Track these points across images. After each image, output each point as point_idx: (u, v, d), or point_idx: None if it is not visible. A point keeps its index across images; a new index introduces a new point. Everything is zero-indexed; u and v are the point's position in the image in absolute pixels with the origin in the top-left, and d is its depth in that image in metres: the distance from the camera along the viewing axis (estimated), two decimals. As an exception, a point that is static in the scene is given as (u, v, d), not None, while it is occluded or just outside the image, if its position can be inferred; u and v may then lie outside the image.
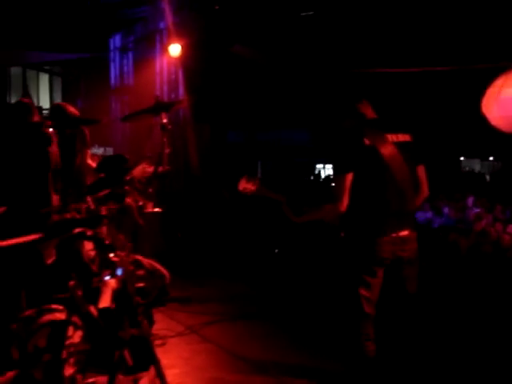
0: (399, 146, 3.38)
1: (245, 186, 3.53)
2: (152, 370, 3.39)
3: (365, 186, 3.32)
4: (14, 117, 4.69)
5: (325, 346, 4.86)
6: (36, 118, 4.75)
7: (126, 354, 3.34)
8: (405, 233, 3.36)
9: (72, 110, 4.89)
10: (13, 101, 14.35)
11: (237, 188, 3.53)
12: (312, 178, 14.88)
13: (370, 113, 3.51)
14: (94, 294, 3.32)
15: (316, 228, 6.96)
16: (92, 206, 3.78)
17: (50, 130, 4.21)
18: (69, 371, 3.83)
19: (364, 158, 3.31)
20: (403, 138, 3.44)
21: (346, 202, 3.28)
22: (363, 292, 3.33)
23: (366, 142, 3.31)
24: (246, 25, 8.88)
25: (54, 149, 4.20)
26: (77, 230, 3.45)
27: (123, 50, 10.77)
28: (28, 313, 3.90)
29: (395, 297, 3.48)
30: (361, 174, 3.31)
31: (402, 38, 8.39)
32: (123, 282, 3.16)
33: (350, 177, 3.28)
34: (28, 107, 4.74)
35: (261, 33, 9.09)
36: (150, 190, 3.40)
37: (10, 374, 3.77)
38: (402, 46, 8.45)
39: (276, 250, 8.52)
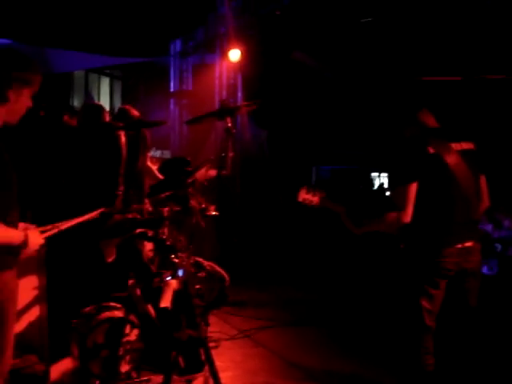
0: (463, 154, 3.31)
1: (305, 196, 3.48)
2: (206, 372, 3.40)
3: (429, 196, 3.25)
4: (87, 118, 4.84)
5: (379, 357, 4.78)
6: (107, 120, 4.90)
7: (182, 355, 3.37)
8: (469, 243, 3.27)
9: (135, 113, 5.00)
10: (75, 104, 14.75)
11: (296, 199, 3.47)
12: (363, 186, 14.70)
13: (431, 121, 3.44)
14: (155, 294, 3.38)
15: (373, 237, 6.86)
16: (150, 208, 3.85)
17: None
18: (125, 368, 3.92)
19: (428, 166, 3.24)
20: (467, 146, 3.37)
21: (410, 212, 3.21)
22: (425, 304, 3.25)
23: (431, 150, 3.25)
24: (305, 31, 8.86)
25: (124, 150, 4.28)
26: (138, 231, 3.52)
27: (183, 55, 10.92)
28: (88, 309, 4.00)
29: (456, 310, 3.39)
30: (425, 184, 3.24)
31: (464, 45, 8.19)
32: (184, 284, 3.19)
33: (414, 186, 3.22)
34: (99, 109, 4.90)
35: (320, 40, 9.05)
36: (212, 193, 3.43)
37: (70, 367, 3.87)
38: (463, 53, 8.26)
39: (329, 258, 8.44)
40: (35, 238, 2.59)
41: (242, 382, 4.32)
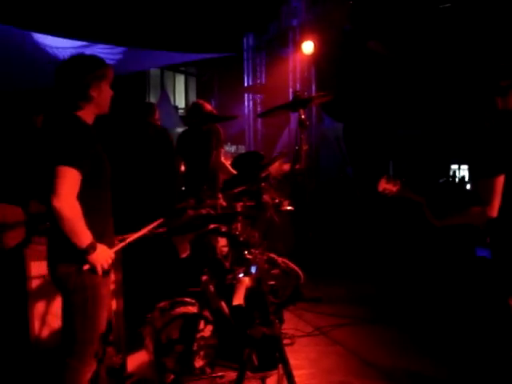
0: None
1: (385, 186, 3.36)
2: (280, 370, 3.34)
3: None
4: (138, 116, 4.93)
5: (457, 358, 4.58)
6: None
7: (255, 352, 3.32)
8: None
9: (209, 107, 4.99)
10: (152, 101, 15.07)
11: (376, 189, 3.36)
12: (445, 179, 14.27)
13: None
14: (228, 291, 3.34)
15: (455, 231, 6.61)
16: (224, 203, 3.82)
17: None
18: (199, 363, 3.91)
19: None
20: None
21: (497, 206, 3.03)
22: None
23: None
24: (381, 20, 8.63)
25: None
26: (211, 226, 3.49)
27: (257, 49, 10.90)
28: (163, 304, 4.02)
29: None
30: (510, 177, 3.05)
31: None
32: (257, 281, 3.14)
33: (501, 179, 3.03)
34: (152, 107, 4.96)
35: (396, 28, 8.79)
36: (287, 187, 3.35)
37: (145, 359, 3.91)
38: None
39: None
40: (102, 252, 2.84)
41: (317, 381, 4.24)
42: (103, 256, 2.84)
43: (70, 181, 2.72)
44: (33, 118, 5.27)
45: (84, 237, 2.76)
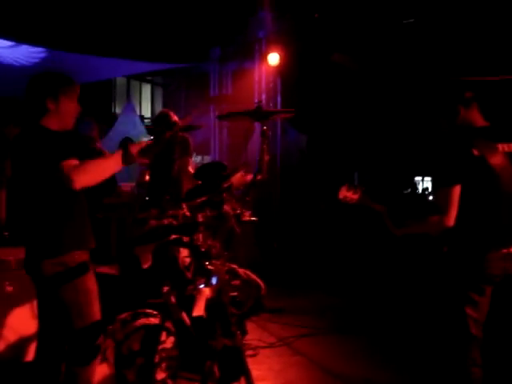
0: (511, 156, 3.14)
1: (345, 194, 3.40)
2: (242, 381, 3.32)
3: (472, 199, 3.11)
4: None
5: (421, 367, 4.63)
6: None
7: (217, 364, 3.30)
8: None
9: (175, 117, 4.97)
10: (117, 110, 14.95)
11: (337, 197, 3.39)
12: (409, 190, 14.45)
13: (479, 119, 3.29)
14: (188, 302, 3.31)
15: (415, 241, 6.69)
16: (187, 213, 3.79)
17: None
18: (161, 375, 3.87)
19: (472, 169, 3.10)
20: None
21: (453, 215, 3.08)
22: (470, 311, 3.10)
23: (475, 152, 3.10)
24: (346, 33, 8.74)
25: None
26: (173, 237, 3.46)
27: (222, 60, 10.91)
28: (124, 315, 3.96)
29: (506, 319, 3.22)
30: (468, 186, 3.10)
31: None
32: (218, 291, 3.12)
33: (457, 189, 3.08)
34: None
35: (361, 41, 8.91)
36: (248, 198, 3.34)
37: (106, 373, 3.85)
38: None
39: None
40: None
41: (282, 392, 4.23)
42: (143, 156, 3.09)
43: (74, 165, 2.85)
44: (5, 130, 5.26)
45: (113, 160, 3.00)
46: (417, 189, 16.09)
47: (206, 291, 3.13)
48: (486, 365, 3.14)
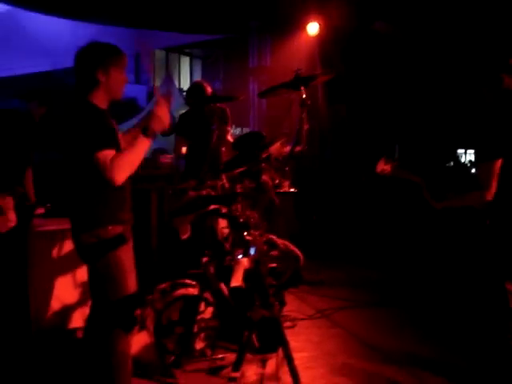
0: None
1: (383, 167, 3.36)
2: (280, 352, 3.32)
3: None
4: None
5: (458, 341, 4.56)
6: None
7: (255, 334, 3.31)
8: None
9: (209, 89, 4.94)
10: (157, 83, 14.99)
11: (375, 170, 3.34)
12: (452, 163, 14.17)
13: None
14: (227, 273, 3.32)
15: (458, 213, 6.56)
16: (226, 184, 3.79)
17: None
18: (199, 345, 3.92)
19: None
20: None
21: (493, 190, 2.99)
22: (510, 287, 3.04)
23: None
24: (386, 0, 8.52)
25: None
26: (211, 207, 3.46)
27: (261, 32, 10.80)
28: (163, 286, 4.01)
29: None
30: (510, 160, 3.00)
31: None
32: (256, 262, 3.11)
33: (498, 163, 2.99)
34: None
35: (402, 9, 8.67)
36: (287, 168, 3.30)
37: (147, 341, 3.91)
38: None
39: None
40: (160, 115, 2.97)
41: (320, 363, 4.22)
42: (161, 124, 2.98)
43: (108, 158, 2.83)
44: (30, 107, 5.31)
45: (140, 147, 2.93)
46: (459, 162, 15.77)
47: (244, 262, 3.13)
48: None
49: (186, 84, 17.25)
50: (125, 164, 2.88)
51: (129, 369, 3.07)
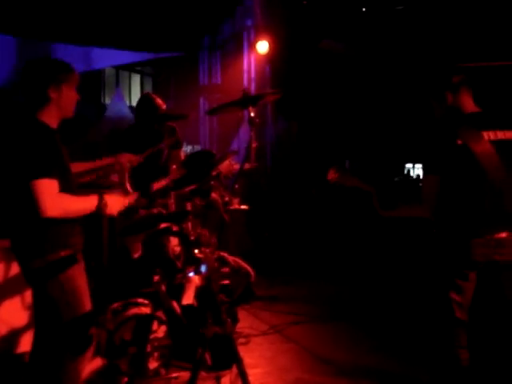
0: (498, 144, 3.14)
1: (333, 175, 3.43)
2: (234, 369, 3.33)
3: (456, 187, 3.13)
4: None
5: (411, 352, 4.66)
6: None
7: (208, 351, 3.31)
8: (502, 235, 3.12)
9: (159, 101, 4.90)
10: (107, 101, 14.87)
11: (326, 178, 3.41)
12: (399, 178, 14.47)
13: (469, 105, 3.28)
14: (178, 291, 3.31)
15: (408, 224, 6.71)
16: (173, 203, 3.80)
17: None
18: (153, 364, 3.87)
19: (455, 158, 3.11)
20: (503, 135, 3.19)
21: (433, 203, 3.11)
22: (454, 296, 3.14)
23: (459, 142, 3.11)
24: (334, 19, 8.71)
25: None
26: (163, 225, 3.46)
27: (212, 49, 10.88)
28: (115, 305, 3.96)
29: (493, 303, 3.25)
30: (452, 175, 3.12)
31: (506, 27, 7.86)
32: (207, 279, 3.12)
33: (438, 178, 3.11)
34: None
35: (351, 26, 8.89)
36: (236, 185, 3.34)
37: (98, 364, 3.85)
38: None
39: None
40: (115, 201, 3.04)
41: (274, 379, 4.24)
42: (116, 205, 3.05)
43: (49, 191, 2.77)
44: None
45: (89, 204, 2.91)
46: (408, 176, 16.14)
47: (195, 279, 3.13)
48: (473, 347, 3.18)
49: (136, 101, 17.18)
50: (65, 208, 2.83)
51: None
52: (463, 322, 3.16)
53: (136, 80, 17.60)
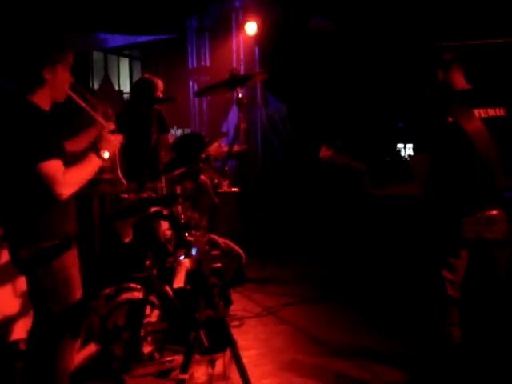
0: (489, 121, 3.13)
1: (325, 153, 3.42)
2: (228, 351, 3.34)
3: (447, 165, 3.12)
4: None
5: (406, 332, 4.68)
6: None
7: (202, 334, 3.31)
8: (493, 212, 3.13)
9: (161, 85, 4.82)
10: (95, 86, 14.74)
11: (318, 156, 3.40)
12: (391, 158, 14.48)
13: (460, 82, 3.26)
14: (169, 274, 3.30)
15: (399, 202, 6.71)
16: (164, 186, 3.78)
17: None
18: (147, 349, 3.90)
19: (446, 136, 3.10)
20: (494, 112, 3.19)
21: (423, 181, 3.10)
22: (446, 274, 3.14)
23: (449, 119, 3.09)
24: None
25: None
26: (153, 209, 3.44)
27: (200, 31, 10.77)
28: (107, 291, 3.96)
29: (484, 281, 3.26)
30: (443, 152, 3.11)
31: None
32: (198, 262, 3.11)
33: (428, 156, 3.10)
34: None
35: (339, 5, 8.80)
36: (226, 168, 3.32)
37: (92, 349, 3.86)
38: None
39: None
40: (108, 143, 3.00)
41: (268, 361, 4.26)
42: (110, 145, 3.00)
43: (57, 170, 2.70)
44: None
45: (91, 163, 2.90)
46: (399, 156, 16.15)
47: (185, 262, 3.12)
48: (464, 324, 3.19)
49: (125, 86, 17.03)
50: (75, 180, 2.78)
51: None
52: (455, 299, 3.17)
53: (125, 64, 17.45)
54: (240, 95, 3.16)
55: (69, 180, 2.73)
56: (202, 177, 3.18)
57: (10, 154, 2.77)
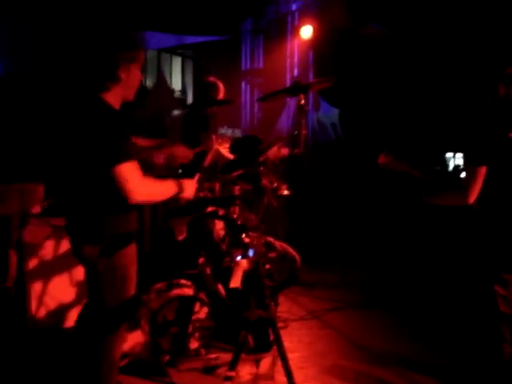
0: None
1: (384, 159, 3.43)
2: (274, 352, 3.38)
3: (505, 180, 3.09)
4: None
5: (449, 342, 4.65)
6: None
7: (250, 334, 3.37)
8: None
9: (222, 89, 4.91)
10: (148, 83, 14.98)
11: (376, 162, 3.41)
12: (439, 167, 14.28)
13: None
14: (225, 274, 3.37)
15: (453, 212, 6.61)
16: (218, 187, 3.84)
17: None
18: (194, 345, 3.97)
19: (505, 151, 3.06)
20: None
21: (474, 193, 3.07)
22: (499, 289, 3.12)
23: (510, 135, 3.06)
24: (379, 3, 8.56)
25: None
26: (209, 209, 3.51)
27: (255, 33, 10.83)
28: (159, 285, 4.05)
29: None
30: (502, 168, 3.07)
31: None
32: (255, 264, 3.16)
33: (483, 170, 3.07)
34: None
35: (395, 11, 8.72)
36: (282, 171, 3.36)
37: (140, 339, 3.94)
38: None
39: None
40: (190, 185, 3.00)
41: (310, 364, 4.28)
42: (191, 189, 3.01)
43: (134, 175, 2.68)
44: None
45: (169, 188, 2.88)
46: (447, 166, 15.89)
47: (243, 263, 3.18)
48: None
49: (177, 84, 17.25)
50: (149, 192, 2.77)
51: (114, 377, 3.01)
52: (508, 315, 3.14)
53: (177, 62, 17.66)
54: (302, 102, 3.21)
55: (144, 189, 2.72)
56: (263, 180, 3.23)
57: (84, 153, 2.75)
